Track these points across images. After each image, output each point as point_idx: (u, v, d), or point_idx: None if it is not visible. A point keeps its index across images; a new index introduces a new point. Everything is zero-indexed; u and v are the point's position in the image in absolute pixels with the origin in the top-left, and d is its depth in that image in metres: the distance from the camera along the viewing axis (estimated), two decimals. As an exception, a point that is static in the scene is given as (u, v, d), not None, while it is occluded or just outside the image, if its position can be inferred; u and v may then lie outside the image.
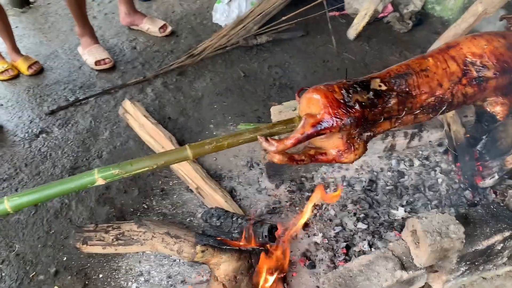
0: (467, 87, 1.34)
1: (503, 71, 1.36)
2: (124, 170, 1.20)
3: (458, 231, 1.29)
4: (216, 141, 1.24)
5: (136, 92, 2.75)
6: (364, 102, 1.20)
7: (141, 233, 1.82)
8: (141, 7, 3.54)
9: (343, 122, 1.16)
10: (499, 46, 1.40)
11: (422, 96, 1.31)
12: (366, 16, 2.94)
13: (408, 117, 1.34)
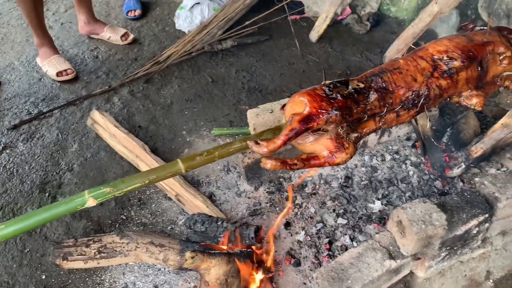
0: (440, 80, 1.41)
1: (469, 59, 1.45)
2: (116, 188, 1.19)
3: (440, 219, 1.36)
4: (207, 152, 1.24)
5: (102, 102, 2.69)
6: (345, 94, 1.26)
7: (124, 244, 1.79)
8: (99, 16, 3.46)
9: (329, 113, 1.19)
10: (460, 41, 1.49)
11: (399, 91, 1.37)
12: (327, 19, 3.03)
13: (391, 115, 1.40)
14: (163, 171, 1.25)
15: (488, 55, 1.49)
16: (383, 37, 3.13)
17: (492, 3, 2.40)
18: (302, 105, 1.23)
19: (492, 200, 1.56)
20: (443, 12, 2.41)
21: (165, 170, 1.25)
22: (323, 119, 1.21)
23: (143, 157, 2.21)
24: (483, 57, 1.48)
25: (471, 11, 2.61)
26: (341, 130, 1.30)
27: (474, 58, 1.46)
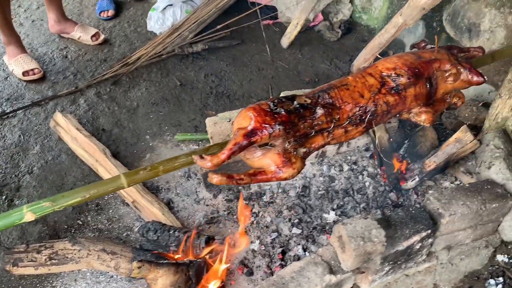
0: (387, 96, 1.43)
1: (416, 76, 1.47)
2: (55, 203, 1.19)
3: (379, 235, 1.39)
4: (151, 167, 1.25)
5: (68, 104, 2.67)
6: (290, 109, 1.27)
7: (75, 251, 1.79)
8: (72, 14, 3.43)
9: (272, 128, 1.21)
10: (409, 58, 1.52)
11: (346, 106, 1.39)
12: (298, 26, 3.04)
13: (339, 131, 1.41)
14: (105, 185, 1.25)
15: (436, 72, 1.52)
16: (354, 45, 3.15)
17: (455, 17, 2.44)
18: (248, 120, 1.25)
19: (436, 216, 1.59)
20: (408, 24, 2.44)
21: (107, 185, 1.25)
22: (266, 133, 1.22)
23: (102, 162, 2.20)
24: (430, 74, 1.50)
25: (436, 23, 2.64)
26: (289, 145, 1.31)
27: (421, 75, 1.48)
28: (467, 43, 2.40)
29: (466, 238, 1.72)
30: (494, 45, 2.26)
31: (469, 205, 1.61)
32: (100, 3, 3.44)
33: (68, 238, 1.82)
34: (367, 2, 3.17)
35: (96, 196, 1.25)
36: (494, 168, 1.81)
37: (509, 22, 2.15)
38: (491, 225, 1.75)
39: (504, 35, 2.20)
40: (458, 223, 1.61)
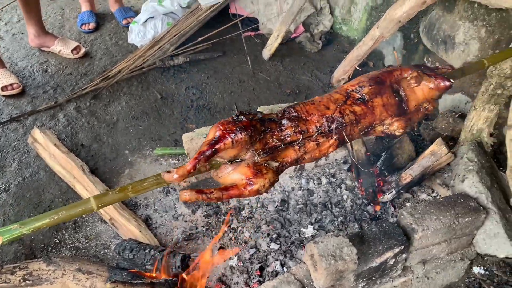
0: (353, 106, 1.44)
1: (376, 83, 1.48)
2: (24, 226, 1.17)
3: (351, 253, 1.39)
4: (119, 188, 1.24)
5: (47, 119, 2.65)
6: (252, 117, 1.29)
7: (50, 271, 1.77)
8: (53, 27, 3.42)
9: (233, 132, 1.22)
10: (372, 73, 1.55)
11: (313, 118, 1.40)
12: (279, 38, 3.06)
13: (311, 144, 1.42)
14: (74, 208, 1.24)
15: (401, 82, 1.54)
16: (334, 56, 3.17)
17: (431, 29, 2.46)
18: (213, 132, 1.26)
19: (410, 231, 1.60)
20: (385, 37, 2.46)
21: (76, 208, 1.24)
22: (228, 140, 1.23)
23: (80, 179, 2.18)
24: (393, 82, 1.52)
25: (414, 34, 2.67)
26: (258, 157, 1.32)
27: (381, 82, 1.50)
28: (443, 55, 2.43)
29: (441, 252, 1.73)
30: (469, 57, 2.29)
31: (442, 220, 1.62)
32: (82, 16, 3.44)
33: (43, 258, 1.80)
34: (347, 14, 3.19)
35: (64, 219, 1.24)
36: (468, 181, 1.82)
37: (482, 35, 2.18)
38: (465, 238, 1.76)
39: (478, 47, 2.23)
40: (432, 237, 1.62)
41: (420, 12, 2.31)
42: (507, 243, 1.72)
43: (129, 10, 3.51)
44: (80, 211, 1.25)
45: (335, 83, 2.86)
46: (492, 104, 2.03)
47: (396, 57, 1.59)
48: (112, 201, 1.28)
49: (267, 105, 2.39)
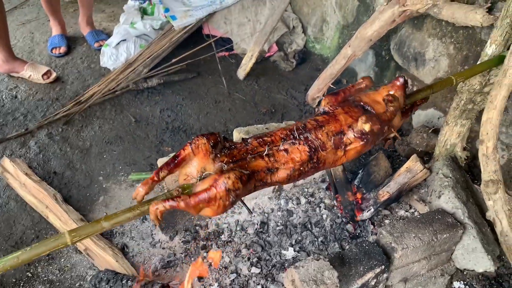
0: (315, 117, 1.44)
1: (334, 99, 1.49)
2: None
3: (332, 276, 1.38)
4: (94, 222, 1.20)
5: (17, 147, 2.57)
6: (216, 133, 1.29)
7: (22, 308, 1.70)
8: (22, 52, 3.35)
9: (194, 141, 1.22)
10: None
11: (277, 132, 1.39)
12: (253, 57, 3.07)
13: (281, 153, 1.39)
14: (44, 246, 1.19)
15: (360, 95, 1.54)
16: (308, 74, 3.20)
17: (402, 46, 2.52)
18: None
19: (390, 250, 1.60)
20: (357, 55, 2.50)
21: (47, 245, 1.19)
22: (187, 146, 1.23)
23: (53, 208, 2.11)
24: (348, 95, 1.52)
25: (385, 51, 2.72)
26: (225, 166, 1.30)
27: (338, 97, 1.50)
28: (415, 71, 2.48)
29: (421, 269, 1.73)
30: (439, 73, 2.34)
31: (421, 237, 1.62)
32: (52, 40, 3.38)
33: (14, 294, 1.72)
34: (319, 32, 3.24)
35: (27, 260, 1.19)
36: (444, 197, 1.84)
37: (451, 51, 2.23)
38: (444, 254, 1.77)
39: (447, 63, 2.28)
40: (412, 255, 1.62)
41: (390, 30, 2.36)
42: (484, 258, 1.74)
43: (100, 33, 3.47)
44: (53, 247, 1.20)
45: (310, 101, 2.88)
46: (464, 119, 2.07)
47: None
48: (89, 234, 1.24)
49: (243, 126, 2.38)
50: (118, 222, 1.27)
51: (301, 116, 2.87)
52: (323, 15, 3.14)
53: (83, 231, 1.20)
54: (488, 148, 1.76)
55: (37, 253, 1.18)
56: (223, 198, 1.20)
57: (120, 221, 1.27)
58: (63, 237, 1.17)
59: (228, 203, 1.22)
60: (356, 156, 1.48)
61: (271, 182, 1.37)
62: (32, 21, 3.75)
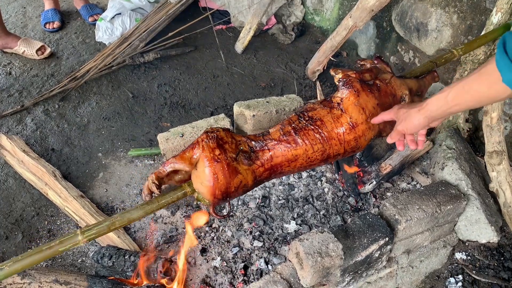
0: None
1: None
2: None
3: (337, 249, 1.37)
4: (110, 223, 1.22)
5: (14, 124, 2.53)
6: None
7: (25, 284, 1.69)
8: (15, 27, 3.27)
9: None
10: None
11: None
12: (251, 30, 3.01)
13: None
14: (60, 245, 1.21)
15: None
16: (308, 47, 3.14)
17: (404, 17, 2.46)
18: None
19: (393, 223, 1.60)
20: (358, 26, 2.44)
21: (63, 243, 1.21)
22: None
23: (52, 185, 2.09)
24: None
25: (386, 23, 2.66)
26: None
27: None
28: (416, 42, 2.43)
29: (424, 241, 1.73)
30: (442, 44, 2.29)
31: (425, 209, 1.61)
32: (45, 14, 3.30)
33: (17, 271, 1.72)
34: (318, 4, 3.17)
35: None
36: (447, 169, 1.83)
37: (454, 21, 2.19)
38: (447, 226, 1.77)
39: (450, 33, 2.23)
40: (415, 227, 1.62)
41: (392, 0, 2.30)
42: (488, 228, 1.74)
43: (94, 7, 3.39)
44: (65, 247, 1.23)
45: (310, 74, 2.84)
46: (467, 90, 2.03)
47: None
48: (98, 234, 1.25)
49: (243, 100, 2.34)
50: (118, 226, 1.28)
51: (301, 90, 2.83)
52: (323, -14, 3.07)
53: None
54: (492, 118, 1.74)
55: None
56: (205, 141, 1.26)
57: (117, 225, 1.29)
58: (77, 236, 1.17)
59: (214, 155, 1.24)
60: None
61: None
62: (24, -5, 3.66)
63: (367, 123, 1.36)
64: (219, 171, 1.21)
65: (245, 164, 1.27)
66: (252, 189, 1.35)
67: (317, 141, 1.32)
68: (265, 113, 2.14)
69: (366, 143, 1.41)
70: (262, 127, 2.16)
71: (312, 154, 1.33)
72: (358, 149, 1.42)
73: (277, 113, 2.15)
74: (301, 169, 1.37)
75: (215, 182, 1.23)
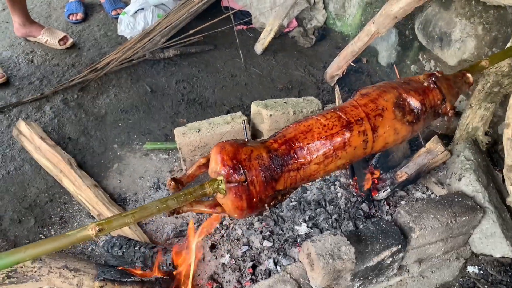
0: None
1: None
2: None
3: (349, 252, 1.36)
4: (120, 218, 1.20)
5: (33, 111, 2.56)
6: None
7: (35, 268, 1.70)
8: (39, 17, 3.32)
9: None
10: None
11: None
12: (272, 32, 3.01)
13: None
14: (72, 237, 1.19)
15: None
16: (327, 51, 3.14)
17: (427, 25, 2.44)
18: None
19: (407, 230, 1.58)
20: (380, 33, 2.43)
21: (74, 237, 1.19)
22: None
23: (67, 173, 2.11)
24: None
25: (409, 31, 2.64)
26: None
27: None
28: (439, 52, 2.41)
29: (437, 251, 1.71)
30: (465, 55, 2.27)
31: (440, 219, 1.59)
32: (69, 5, 3.34)
33: (28, 255, 1.73)
34: (341, 9, 3.16)
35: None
36: (464, 180, 1.80)
37: (479, 32, 2.16)
38: (461, 238, 1.75)
39: (474, 45, 2.21)
40: (429, 236, 1.60)
41: (416, 8, 2.29)
42: (503, 243, 1.71)
43: (118, 1, 3.42)
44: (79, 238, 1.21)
45: (329, 79, 2.83)
46: (489, 102, 2.01)
47: (396, 72, 1.59)
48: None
49: (260, 99, 2.34)
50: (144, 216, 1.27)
51: (318, 94, 2.82)
52: (346, -9, 3.06)
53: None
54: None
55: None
56: None
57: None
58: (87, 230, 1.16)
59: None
60: None
61: None
62: (50, -14, 3.71)
63: None
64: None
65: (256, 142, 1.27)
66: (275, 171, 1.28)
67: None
68: (282, 113, 2.13)
69: None
70: (278, 128, 2.16)
71: (325, 121, 1.29)
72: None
73: (294, 114, 2.15)
74: (324, 144, 1.28)
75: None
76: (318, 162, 1.27)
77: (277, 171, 1.23)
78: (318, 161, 1.27)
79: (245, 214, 1.27)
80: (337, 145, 1.27)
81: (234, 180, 1.19)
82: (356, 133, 1.30)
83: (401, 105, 1.40)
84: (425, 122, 1.50)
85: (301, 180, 1.30)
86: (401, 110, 1.39)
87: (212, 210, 1.41)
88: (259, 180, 1.20)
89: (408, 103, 1.41)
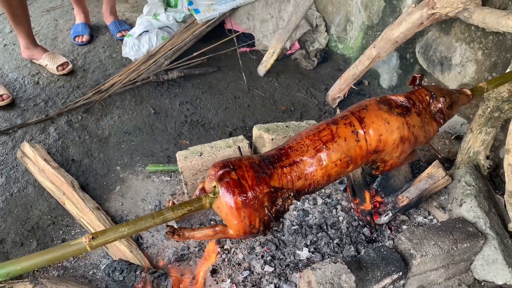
0: None
1: None
2: None
3: (349, 280, 1.35)
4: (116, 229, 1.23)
5: (37, 132, 2.59)
6: None
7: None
8: (46, 39, 3.38)
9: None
10: None
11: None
12: (274, 54, 3.05)
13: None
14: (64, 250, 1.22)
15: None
16: (329, 73, 3.16)
17: (428, 49, 2.47)
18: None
19: (408, 257, 1.57)
20: (381, 56, 2.46)
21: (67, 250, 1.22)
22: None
23: (70, 195, 2.13)
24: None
25: (410, 55, 2.67)
26: None
27: None
28: (439, 76, 2.43)
29: (438, 278, 1.70)
30: (465, 79, 2.29)
31: (441, 245, 1.59)
32: (75, 28, 3.40)
33: (29, 278, 1.74)
34: (342, 32, 3.20)
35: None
36: (465, 205, 1.80)
37: (478, 57, 2.18)
38: (463, 264, 1.74)
39: (474, 69, 2.23)
40: (430, 263, 1.59)
41: (417, 33, 2.31)
42: (505, 270, 1.69)
43: (123, 23, 3.48)
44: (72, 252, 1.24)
45: (331, 101, 2.85)
46: (489, 127, 2.02)
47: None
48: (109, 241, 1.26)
49: (261, 123, 2.36)
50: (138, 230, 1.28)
51: (320, 116, 2.83)
52: (348, 14, 3.10)
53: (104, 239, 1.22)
54: (514, 157, 1.72)
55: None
56: None
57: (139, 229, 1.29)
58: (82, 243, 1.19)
59: None
60: None
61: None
62: (57, 9, 3.78)
63: None
64: None
65: None
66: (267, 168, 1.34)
67: None
68: (284, 137, 2.15)
69: None
70: (280, 151, 2.17)
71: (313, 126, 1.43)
72: None
73: (295, 138, 2.16)
74: (313, 139, 1.39)
75: None
76: (311, 156, 1.35)
77: (269, 167, 1.33)
78: (310, 155, 1.36)
79: (244, 218, 1.27)
80: (325, 138, 1.39)
81: (224, 175, 1.25)
82: (342, 124, 1.42)
83: (386, 101, 1.49)
84: (422, 119, 1.51)
85: (298, 179, 1.34)
86: (387, 105, 1.48)
87: (214, 229, 1.42)
88: (250, 174, 1.28)
89: (393, 100, 1.51)
